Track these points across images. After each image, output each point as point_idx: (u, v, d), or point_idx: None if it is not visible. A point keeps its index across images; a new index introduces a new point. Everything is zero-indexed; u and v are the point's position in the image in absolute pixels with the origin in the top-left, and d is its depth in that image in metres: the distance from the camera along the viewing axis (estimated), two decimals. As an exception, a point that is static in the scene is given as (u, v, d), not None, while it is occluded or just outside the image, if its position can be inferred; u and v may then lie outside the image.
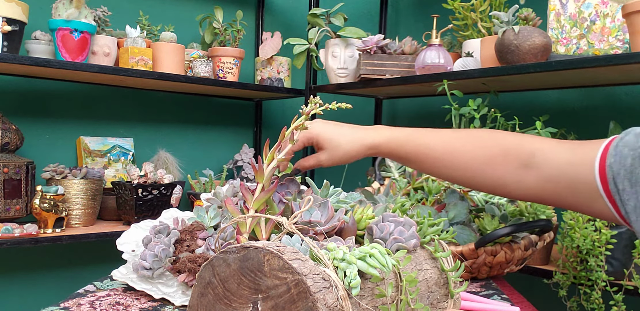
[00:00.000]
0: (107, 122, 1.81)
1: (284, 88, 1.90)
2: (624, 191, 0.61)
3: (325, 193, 0.70)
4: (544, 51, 1.31)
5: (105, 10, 1.66)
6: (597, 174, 0.63)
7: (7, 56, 1.35)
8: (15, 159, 1.44)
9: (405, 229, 0.60)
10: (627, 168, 0.61)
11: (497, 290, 0.87)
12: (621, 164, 0.61)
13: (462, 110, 1.37)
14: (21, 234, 1.37)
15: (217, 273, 0.49)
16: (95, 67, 1.48)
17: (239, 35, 1.83)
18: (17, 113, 1.63)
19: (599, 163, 0.63)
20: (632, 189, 0.60)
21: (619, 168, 0.61)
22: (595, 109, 1.62)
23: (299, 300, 0.44)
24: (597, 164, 0.63)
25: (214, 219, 0.78)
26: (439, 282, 0.61)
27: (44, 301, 1.61)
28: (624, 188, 0.61)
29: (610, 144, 0.64)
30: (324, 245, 0.51)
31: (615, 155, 0.62)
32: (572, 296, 1.19)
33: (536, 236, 0.94)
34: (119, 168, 1.77)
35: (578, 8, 1.33)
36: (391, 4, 2.26)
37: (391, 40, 1.68)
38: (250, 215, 0.58)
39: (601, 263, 1.13)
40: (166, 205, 1.63)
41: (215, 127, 2.08)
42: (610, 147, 0.63)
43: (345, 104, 0.68)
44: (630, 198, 0.61)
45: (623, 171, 0.61)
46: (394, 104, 2.25)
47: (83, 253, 1.77)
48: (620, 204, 0.62)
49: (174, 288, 0.75)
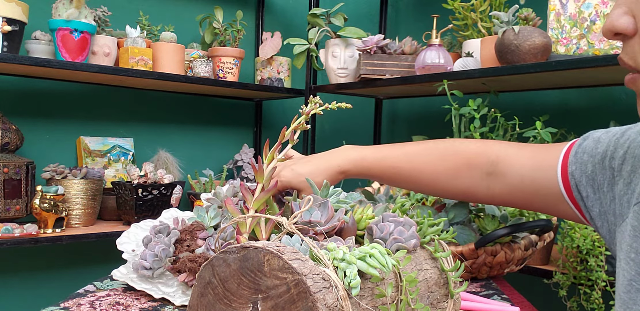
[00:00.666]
0: (107, 122, 1.81)
1: (284, 88, 1.90)
2: (588, 198, 0.61)
3: (325, 193, 0.70)
4: (544, 51, 1.31)
5: (105, 10, 1.66)
6: (560, 181, 0.63)
7: (7, 56, 1.35)
8: (15, 159, 1.44)
9: (405, 229, 0.60)
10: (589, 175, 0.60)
11: (497, 290, 0.87)
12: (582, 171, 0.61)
13: (462, 110, 1.37)
14: (21, 234, 1.37)
15: (217, 273, 0.49)
16: (95, 67, 1.48)
17: (239, 35, 1.83)
18: (17, 113, 1.63)
19: (560, 170, 0.63)
20: (596, 196, 0.60)
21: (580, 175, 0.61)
22: (595, 109, 1.62)
23: (299, 300, 0.44)
24: (559, 171, 0.63)
25: (214, 219, 0.78)
26: (439, 282, 0.61)
27: (44, 301, 1.61)
28: (587, 194, 0.61)
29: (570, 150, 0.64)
30: (324, 245, 0.51)
31: (575, 162, 0.62)
32: (572, 296, 1.19)
33: (536, 236, 0.94)
34: (119, 168, 1.77)
35: (578, 8, 1.33)
36: (391, 4, 2.26)
37: (391, 40, 1.68)
38: (250, 215, 0.58)
39: (601, 263, 1.13)
40: (166, 205, 1.63)
41: (215, 127, 2.08)
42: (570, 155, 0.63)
43: (345, 104, 0.68)
44: (594, 204, 0.60)
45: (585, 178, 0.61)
46: (394, 104, 2.25)
47: (83, 253, 1.77)
48: (585, 210, 0.62)
49: (174, 288, 0.75)
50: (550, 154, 0.65)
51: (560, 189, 0.63)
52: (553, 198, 0.65)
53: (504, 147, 0.72)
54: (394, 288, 0.52)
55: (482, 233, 0.93)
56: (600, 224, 0.60)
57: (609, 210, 0.59)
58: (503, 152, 0.71)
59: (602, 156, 0.60)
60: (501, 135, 1.38)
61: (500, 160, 0.70)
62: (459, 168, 0.74)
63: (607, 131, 0.63)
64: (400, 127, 2.22)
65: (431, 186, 0.77)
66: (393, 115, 2.26)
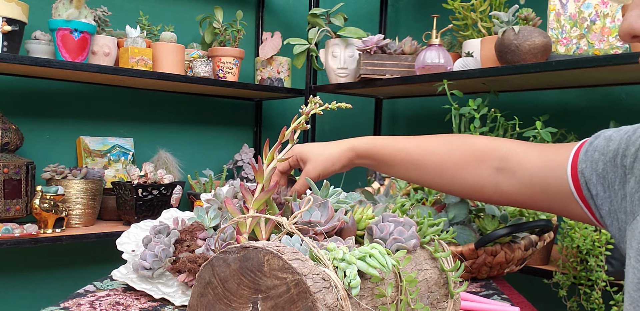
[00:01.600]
0: (107, 122, 1.81)
1: (284, 88, 1.90)
2: (598, 196, 0.61)
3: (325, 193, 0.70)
4: (544, 51, 1.31)
5: (105, 10, 1.66)
6: (570, 180, 0.63)
7: (7, 56, 1.35)
8: (15, 159, 1.44)
9: (405, 229, 0.60)
10: (599, 173, 0.60)
11: (497, 290, 0.87)
12: (593, 169, 0.61)
13: (462, 110, 1.37)
14: (21, 234, 1.37)
15: (217, 273, 0.49)
16: (95, 67, 1.48)
17: (239, 35, 1.83)
18: (17, 113, 1.63)
19: (570, 168, 0.63)
20: (606, 194, 0.60)
21: (590, 173, 0.61)
22: (595, 109, 1.62)
23: (298, 300, 0.44)
24: (569, 170, 0.63)
25: (214, 220, 0.78)
26: (439, 282, 0.60)
27: (44, 301, 1.61)
28: (597, 192, 0.61)
29: (580, 149, 0.64)
30: (324, 245, 0.51)
31: (586, 160, 0.62)
32: (572, 296, 1.19)
33: (536, 236, 0.94)
34: (119, 168, 1.77)
35: (578, 8, 1.33)
36: (391, 4, 2.26)
37: (391, 40, 1.68)
38: (250, 215, 0.58)
39: (601, 263, 1.13)
40: (166, 205, 1.63)
41: (215, 127, 2.08)
42: (581, 153, 0.63)
43: (345, 104, 0.68)
44: (604, 202, 0.60)
45: (595, 176, 0.61)
46: (394, 104, 2.25)
47: (83, 253, 1.77)
48: (595, 209, 0.62)
49: (174, 288, 0.75)
50: (560, 153, 0.65)
51: (570, 187, 0.63)
52: (562, 197, 0.65)
53: (513, 145, 0.72)
54: (394, 288, 0.52)
55: (482, 233, 0.93)
56: (610, 222, 0.60)
57: (619, 208, 0.59)
58: (513, 149, 0.71)
59: (613, 154, 0.60)
60: (501, 135, 1.38)
61: (510, 157, 0.70)
62: (469, 160, 0.73)
63: (618, 130, 0.63)
64: (400, 127, 2.22)
65: (438, 176, 0.76)
66: (393, 115, 2.26)
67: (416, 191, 1.04)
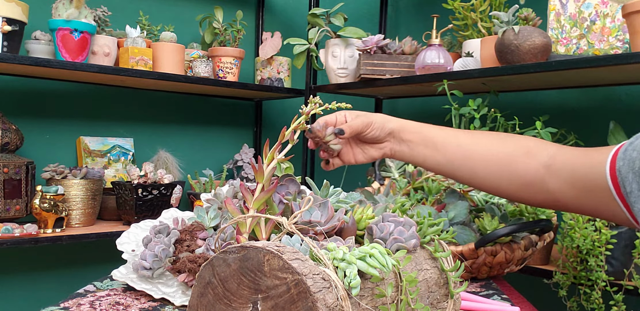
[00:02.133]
0: (107, 122, 1.81)
1: (284, 88, 1.90)
2: (631, 194, 0.61)
3: (325, 193, 0.70)
4: (544, 51, 1.30)
5: (105, 10, 1.66)
6: (609, 178, 0.64)
7: (7, 55, 1.35)
8: (15, 159, 1.44)
9: (405, 229, 0.60)
10: (636, 171, 0.61)
11: (497, 290, 0.87)
12: (630, 167, 0.61)
13: (462, 110, 1.37)
14: (21, 234, 1.37)
15: (217, 273, 0.49)
16: (95, 67, 1.48)
17: (239, 35, 1.83)
18: (17, 113, 1.63)
19: (609, 166, 0.64)
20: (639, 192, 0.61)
21: (627, 170, 0.62)
22: (595, 109, 1.62)
23: (299, 300, 0.44)
24: (608, 168, 0.64)
25: (214, 220, 0.78)
26: (439, 282, 0.60)
27: (44, 301, 1.61)
28: (632, 190, 0.61)
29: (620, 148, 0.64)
30: (324, 245, 0.51)
31: (624, 159, 0.62)
32: (572, 296, 1.19)
33: (536, 236, 0.94)
34: (119, 168, 1.77)
35: (578, 8, 1.33)
36: (391, 4, 2.26)
37: (391, 40, 1.68)
38: (250, 215, 0.58)
39: (601, 263, 1.13)
40: (166, 205, 1.63)
41: (215, 127, 2.08)
42: (620, 151, 0.64)
43: (345, 104, 0.68)
44: (636, 200, 0.61)
45: (631, 174, 0.61)
46: (394, 104, 2.25)
47: (83, 253, 1.77)
48: (631, 207, 0.62)
49: (174, 288, 0.75)
50: (602, 152, 0.66)
51: (609, 185, 0.64)
52: (603, 196, 0.65)
53: (559, 146, 0.73)
54: (394, 288, 0.52)
55: (482, 233, 0.93)
56: None
57: None
58: (559, 149, 0.72)
59: None
60: (501, 135, 1.38)
61: (557, 155, 0.71)
62: (517, 154, 0.73)
63: None
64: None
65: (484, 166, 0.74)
66: (393, 115, 2.25)
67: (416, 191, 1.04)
